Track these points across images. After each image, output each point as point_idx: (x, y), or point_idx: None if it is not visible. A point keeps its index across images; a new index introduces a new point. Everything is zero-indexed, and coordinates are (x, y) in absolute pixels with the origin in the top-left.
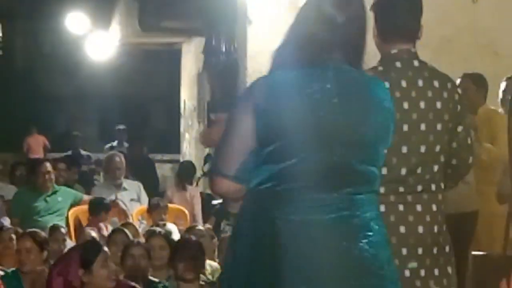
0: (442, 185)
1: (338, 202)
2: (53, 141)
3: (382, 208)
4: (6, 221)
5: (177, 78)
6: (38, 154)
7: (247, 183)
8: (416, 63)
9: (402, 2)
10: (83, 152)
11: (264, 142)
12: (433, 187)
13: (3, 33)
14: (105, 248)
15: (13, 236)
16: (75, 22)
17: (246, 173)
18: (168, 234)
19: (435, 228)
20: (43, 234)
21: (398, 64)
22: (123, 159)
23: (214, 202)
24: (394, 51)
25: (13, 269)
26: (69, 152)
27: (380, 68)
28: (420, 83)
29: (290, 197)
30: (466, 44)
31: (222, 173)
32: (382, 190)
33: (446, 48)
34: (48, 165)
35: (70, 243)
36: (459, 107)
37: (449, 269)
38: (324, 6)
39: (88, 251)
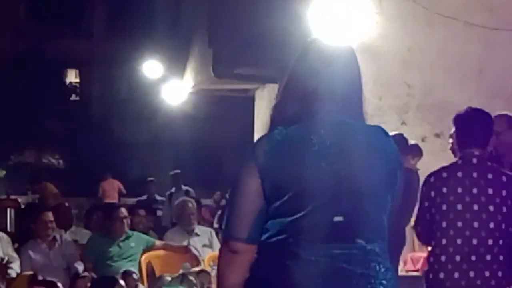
0: None
1: (350, 252)
2: (127, 186)
3: None
4: (81, 266)
5: (251, 124)
6: (113, 198)
7: (259, 241)
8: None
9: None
10: (158, 198)
11: (272, 199)
12: None
13: (80, 79)
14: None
15: (89, 285)
16: (150, 69)
17: (258, 232)
18: None
19: None
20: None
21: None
22: (195, 204)
23: None
24: None
25: None
26: (144, 197)
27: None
28: None
29: (302, 248)
30: None
31: (235, 237)
32: None
33: None
34: (124, 211)
35: None
36: None
37: None
38: (314, 61)
39: None
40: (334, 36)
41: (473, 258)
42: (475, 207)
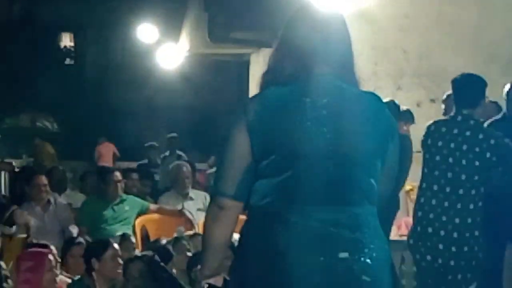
0: None
1: (338, 216)
2: (121, 150)
3: None
4: (75, 230)
5: (246, 89)
6: (108, 162)
7: (246, 200)
8: None
9: None
10: (159, 162)
11: (260, 157)
12: None
13: (75, 43)
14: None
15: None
16: (145, 33)
17: (246, 190)
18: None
19: None
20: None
21: None
22: (190, 168)
23: None
24: None
25: (79, 276)
26: (145, 161)
27: None
28: None
29: (291, 212)
30: None
31: (222, 193)
32: None
33: None
34: (118, 174)
35: (137, 252)
36: None
37: None
38: (307, 26)
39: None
40: (331, 2)
41: (446, 204)
42: (450, 160)
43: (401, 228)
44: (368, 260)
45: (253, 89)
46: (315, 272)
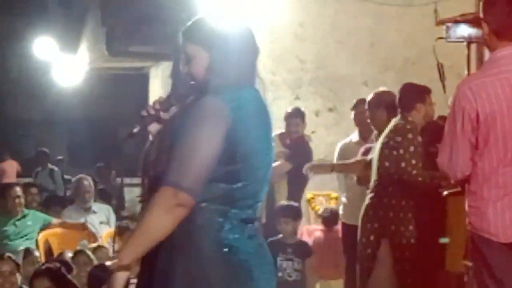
0: None
1: (256, 218)
2: (21, 165)
3: None
4: None
5: (145, 102)
6: (12, 179)
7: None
8: None
9: None
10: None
11: (224, 163)
12: None
13: None
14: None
15: None
16: (42, 47)
17: (201, 188)
18: None
19: None
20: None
21: None
22: (91, 182)
23: None
24: None
25: None
26: (39, 169)
27: None
28: None
29: (238, 218)
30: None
31: (187, 189)
32: None
33: (410, 70)
34: (18, 189)
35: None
36: None
37: None
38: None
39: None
40: (227, 12)
41: None
42: None
43: (302, 235)
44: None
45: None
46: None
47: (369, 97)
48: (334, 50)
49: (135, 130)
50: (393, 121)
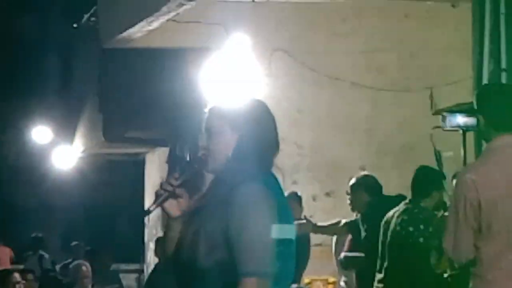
0: None
1: None
2: (18, 252)
3: None
4: None
5: (141, 188)
6: (6, 266)
7: None
8: None
9: None
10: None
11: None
12: None
13: None
14: None
15: None
16: (39, 134)
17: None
18: None
19: None
20: None
21: None
22: (89, 268)
23: None
24: None
25: None
26: (30, 253)
27: None
28: None
29: None
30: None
31: (260, 273)
32: None
33: (408, 155)
34: (17, 275)
35: None
36: None
37: None
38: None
39: None
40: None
41: None
42: None
43: None
44: None
45: (149, 187)
46: None
47: (351, 181)
48: (331, 135)
49: (152, 208)
50: (403, 205)
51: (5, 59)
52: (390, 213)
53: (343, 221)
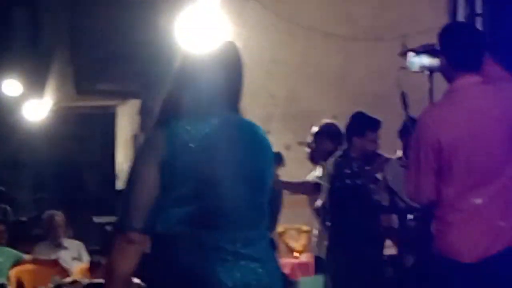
0: None
1: (238, 241)
2: None
3: None
4: None
5: (112, 140)
6: None
7: (152, 231)
8: None
9: None
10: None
11: (170, 190)
12: None
13: None
14: None
15: None
16: (8, 87)
17: (151, 222)
18: None
19: None
20: None
21: None
22: (63, 217)
23: None
24: None
25: None
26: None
27: None
28: None
29: (197, 239)
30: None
31: (131, 227)
32: None
33: (380, 104)
34: None
35: None
36: None
37: None
38: (205, 63)
39: None
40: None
41: None
42: None
43: None
44: (266, 278)
45: (120, 140)
46: None
47: (313, 129)
48: (304, 85)
49: None
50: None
51: None
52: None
53: (311, 180)
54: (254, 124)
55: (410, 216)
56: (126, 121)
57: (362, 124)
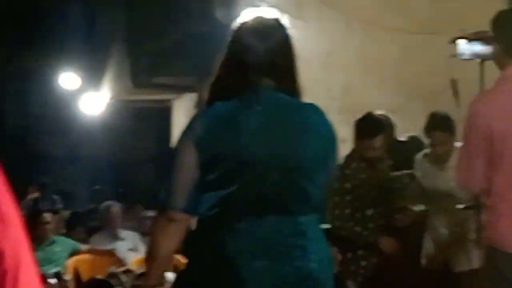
0: None
1: (282, 224)
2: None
3: None
4: None
5: (168, 135)
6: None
7: (196, 212)
8: None
9: None
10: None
11: (207, 172)
12: None
13: None
14: None
15: None
16: (66, 81)
17: (195, 202)
18: None
19: None
20: None
21: None
22: (119, 209)
23: None
24: None
25: None
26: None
27: None
28: None
29: (238, 221)
30: None
31: (173, 206)
32: None
33: (438, 98)
34: (47, 216)
35: None
36: None
37: None
38: (249, 37)
39: None
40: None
41: None
42: None
43: None
44: (313, 265)
45: (176, 134)
46: (263, 278)
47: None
48: (360, 78)
49: None
50: None
51: (30, 5)
52: None
53: None
54: (308, 105)
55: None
56: (182, 115)
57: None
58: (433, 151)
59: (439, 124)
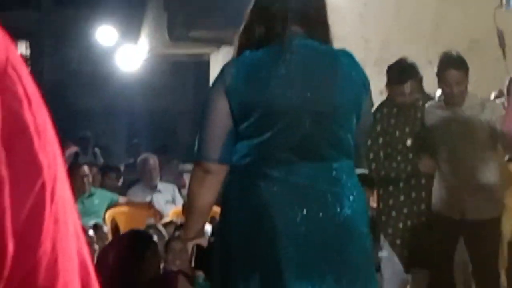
0: None
1: (317, 170)
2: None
3: None
4: None
5: (205, 89)
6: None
7: (231, 161)
8: None
9: None
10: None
11: (239, 120)
12: None
13: (31, 51)
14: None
15: None
16: (103, 36)
17: (229, 152)
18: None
19: None
20: None
21: None
22: (157, 161)
23: None
24: None
25: None
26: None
27: None
28: None
29: (271, 168)
30: (495, 45)
31: (207, 158)
32: None
33: (476, 49)
34: (86, 169)
35: None
36: None
37: None
38: None
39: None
40: None
41: None
42: None
43: None
44: (348, 211)
45: None
46: (298, 225)
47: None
48: (398, 30)
49: None
50: None
51: None
52: None
53: None
54: (339, 51)
55: None
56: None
57: None
58: (448, 92)
59: (454, 62)
